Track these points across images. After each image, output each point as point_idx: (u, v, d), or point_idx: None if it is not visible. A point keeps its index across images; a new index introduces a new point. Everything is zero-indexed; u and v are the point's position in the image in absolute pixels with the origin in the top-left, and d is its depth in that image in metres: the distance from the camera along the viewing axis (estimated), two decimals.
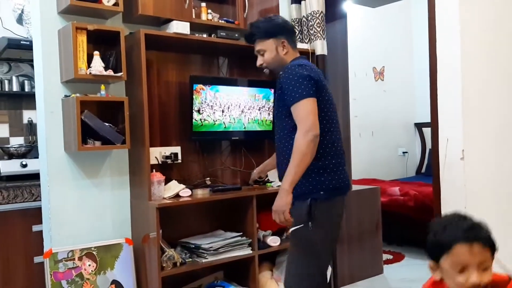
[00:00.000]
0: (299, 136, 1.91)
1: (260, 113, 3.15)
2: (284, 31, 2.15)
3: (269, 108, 3.18)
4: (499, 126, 2.90)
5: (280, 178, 2.08)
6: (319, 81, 2.02)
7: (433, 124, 2.76)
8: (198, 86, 2.81)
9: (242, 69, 3.23)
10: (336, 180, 2.00)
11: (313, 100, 1.95)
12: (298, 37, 3.34)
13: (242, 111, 3.06)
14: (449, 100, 2.67)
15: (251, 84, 3.10)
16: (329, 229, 2.03)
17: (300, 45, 3.21)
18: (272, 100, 3.17)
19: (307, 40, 3.28)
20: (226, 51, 3.06)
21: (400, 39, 6.12)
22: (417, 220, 4.20)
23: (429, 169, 5.31)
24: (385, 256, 4.21)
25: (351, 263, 3.67)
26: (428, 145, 5.91)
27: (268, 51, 2.15)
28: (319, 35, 3.20)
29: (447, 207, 2.71)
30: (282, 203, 1.92)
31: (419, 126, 6.18)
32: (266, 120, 3.18)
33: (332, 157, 2.01)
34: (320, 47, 3.21)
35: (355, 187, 3.84)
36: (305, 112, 1.92)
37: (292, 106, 1.95)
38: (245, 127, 3.09)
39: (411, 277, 3.75)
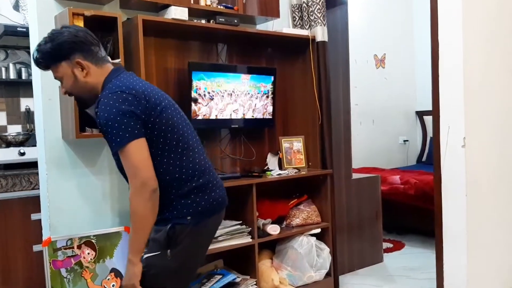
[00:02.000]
0: (133, 196, 1.57)
1: (260, 100, 3.12)
2: (74, 47, 1.66)
3: (269, 95, 3.15)
4: (501, 113, 2.87)
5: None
6: (149, 101, 1.63)
7: (435, 111, 2.74)
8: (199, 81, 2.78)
9: (242, 55, 3.20)
10: (206, 201, 1.70)
11: (138, 141, 1.57)
12: (298, 23, 3.30)
13: (241, 99, 3.03)
14: (451, 86, 2.64)
15: (251, 71, 3.07)
16: (194, 257, 1.75)
17: (300, 31, 3.18)
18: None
19: (307, 26, 3.24)
20: (225, 37, 3.02)
21: (402, 26, 6.05)
22: (417, 208, 4.19)
23: (430, 157, 5.30)
24: (385, 245, 4.22)
25: (351, 251, 3.67)
26: (429, 133, 5.88)
27: (65, 77, 1.70)
28: (320, 21, 3.16)
29: (447, 195, 2.70)
30: (130, 275, 1.61)
31: (420, 114, 6.14)
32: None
33: (198, 177, 1.70)
34: (321, 33, 3.17)
35: (355, 176, 3.83)
36: (133, 162, 1.56)
37: (118, 152, 1.59)
38: (244, 115, 3.07)
39: (411, 266, 3.76)
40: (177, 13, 2.58)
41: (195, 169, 1.71)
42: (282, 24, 3.27)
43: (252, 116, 3.10)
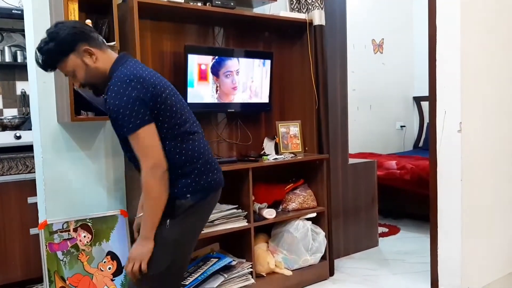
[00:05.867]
0: (146, 176, 1.65)
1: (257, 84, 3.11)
2: (77, 38, 1.71)
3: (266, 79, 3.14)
4: (497, 98, 2.87)
5: None
6: (155, 88, 1.70)
7: (431, 95, 2.74)
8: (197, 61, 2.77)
9: (238, 39, 3.18)
10: (204, 180, 1.79)
11: (149, 127, 1.65)
12: (295, 6, 3.27)
13: (238, 83, 3.02)
14: (448, 71, 2.64)
15: (247, 54, 3.05)
16: (190, 233, 1.82)
17: (297, 15, 3.15)
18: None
19: (305, 9, 3.21)
20: (221, 20, 3.00)
21: (401, 11, 6.01)
22: (413, 193, 4.21)
23: (427, 143, 5.30)
24: (381, 229, 4.24)
25: (346, 235, 3.69)
26: (426, 119, 5.88)
27: (77, 69, 1.74)
28: (317, 4, 3.13)
29: (443, 180, 2.71)
30: (144, 251, 1.68)
31: (417, 99, 6.14)
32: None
33: (198, 159, 1.79)
34: (318, 17, 3.14)
35: (352, 161, 3.84)
36: (144, 146, 1.65)
37: (128, 137, 1.67)
38: (241, 99, 3.06)
39: (406, 250, 3.79)
40: None
41: (195, 151, 1.79)
42: (279, 7, 3.25)
43: (249, 100, 3.09)
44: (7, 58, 3.48)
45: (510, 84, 2.93)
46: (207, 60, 2.86)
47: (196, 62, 2.80)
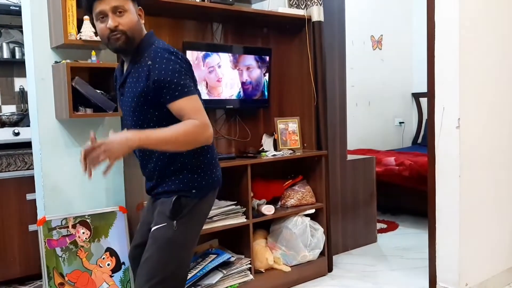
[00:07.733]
0: (196, 125, 1.58)
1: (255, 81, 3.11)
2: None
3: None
4: (496, 95, 2.88)
5: (148, 179, 1.84)
6: (191, 70, 1.74)
7: (430, 92, 2.74)
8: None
9: (237, 35, 3.17)
10: (209, 176, 1.79)
11: (197, 96, 1.68)
12: (294, 2, 3.26)
13: (236, 79, 3.02)
14: (446, 67, 2.64)
15: (246, 51, 3.05)
16: (196, 229, 1.81)
17: (295, 11, 3.15)
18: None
19: (303, 6, 3.20)
20: (220, 16, 2.99)
21: (400, 7, 6.00)
22: (411, 190, 4.22)
23: (425, 139, 5.29)
24: (379, 225, 4.26)
25: (345, 231, 3.70)
26: (425, 115, 5.89)
27: (130, 13, 1.68)
28: (316, 0, 3.12)
29: (441, 176, 2.71)
30: (122, 144, 1.53)
31: (416, 96, 6.14)
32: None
33: (205, 153, 1.79)
34: (317, 13, 3.13)
35: (350, 157, 3.84)
36: (199, 107, 1.63)
37: (177, 100, 1.61)
38: (240, 96, 3.06)
39: (404, 246, 3.80)
40: None
41: (205, 145, 1.76)
42: (277, 4, 3.24)
43: (247, 96, 3.09)
44: (5, 54, 3.47)
45: (508, 81, 2.93)
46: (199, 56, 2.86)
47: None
